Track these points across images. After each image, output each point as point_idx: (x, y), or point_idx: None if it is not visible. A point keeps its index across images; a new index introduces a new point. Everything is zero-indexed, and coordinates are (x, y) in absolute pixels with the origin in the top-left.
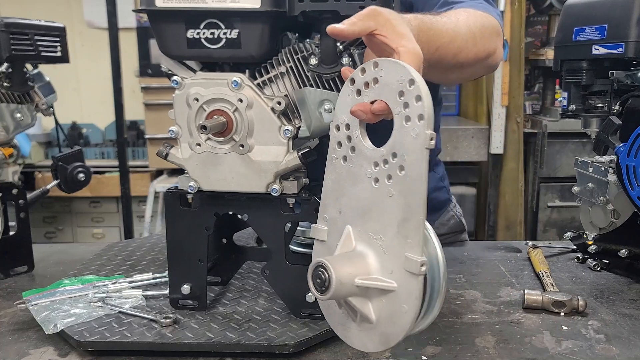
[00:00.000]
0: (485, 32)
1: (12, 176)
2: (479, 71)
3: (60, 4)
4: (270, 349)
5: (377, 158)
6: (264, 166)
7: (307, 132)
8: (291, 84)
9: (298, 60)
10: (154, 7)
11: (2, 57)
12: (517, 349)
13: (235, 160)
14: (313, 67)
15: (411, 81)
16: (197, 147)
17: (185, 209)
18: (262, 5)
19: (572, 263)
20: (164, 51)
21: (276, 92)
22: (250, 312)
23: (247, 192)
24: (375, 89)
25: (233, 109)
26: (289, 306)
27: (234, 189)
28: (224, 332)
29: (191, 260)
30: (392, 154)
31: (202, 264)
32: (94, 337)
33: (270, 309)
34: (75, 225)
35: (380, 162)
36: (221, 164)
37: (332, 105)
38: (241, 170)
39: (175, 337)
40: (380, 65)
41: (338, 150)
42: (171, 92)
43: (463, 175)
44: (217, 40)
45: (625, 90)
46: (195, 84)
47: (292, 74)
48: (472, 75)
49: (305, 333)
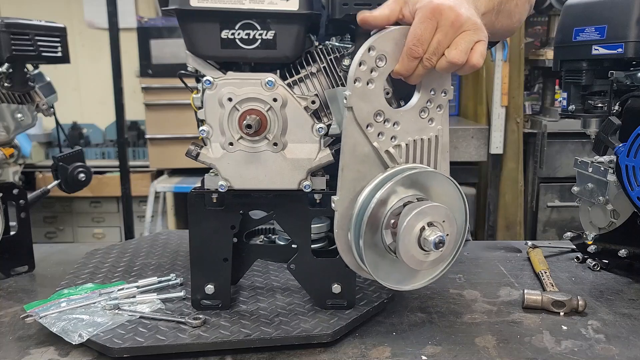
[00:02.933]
0: None
1: (12, 176)
2: (527, 9)
3: (61, 4)
4: (309, 339)
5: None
6: (298, 163)
7: (337, 130)
8: (320, 83)
9: (331, 61)
10: (189, 7)
11: (3, 58)
12: (517, 349)
13: (268, 159)
14: (347, 67)
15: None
16: (230, 146)
17: (211, 208)
18: (299, 7)
19: (572, 263)
20: (193, 51)
21: (305, 91)
22: (275, 308)
23: (279, 189)
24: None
25: (267, 108)
26: (315, 298)
27: (266, 186)
28: (259, 328)
29: (216, 259)
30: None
31: (227, 262)
32: (127, 343)
33: (291, 303)
34: (75, 225)
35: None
36: (254, 162)
37: None
38: (275, 168)
39: (213, 336)
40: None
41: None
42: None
43: (463, 175)
44: (252, 41)
45: (625, 90)
46: (228, 84)
47: (324, 73)
48: (524, 12)
49: (337, 322)
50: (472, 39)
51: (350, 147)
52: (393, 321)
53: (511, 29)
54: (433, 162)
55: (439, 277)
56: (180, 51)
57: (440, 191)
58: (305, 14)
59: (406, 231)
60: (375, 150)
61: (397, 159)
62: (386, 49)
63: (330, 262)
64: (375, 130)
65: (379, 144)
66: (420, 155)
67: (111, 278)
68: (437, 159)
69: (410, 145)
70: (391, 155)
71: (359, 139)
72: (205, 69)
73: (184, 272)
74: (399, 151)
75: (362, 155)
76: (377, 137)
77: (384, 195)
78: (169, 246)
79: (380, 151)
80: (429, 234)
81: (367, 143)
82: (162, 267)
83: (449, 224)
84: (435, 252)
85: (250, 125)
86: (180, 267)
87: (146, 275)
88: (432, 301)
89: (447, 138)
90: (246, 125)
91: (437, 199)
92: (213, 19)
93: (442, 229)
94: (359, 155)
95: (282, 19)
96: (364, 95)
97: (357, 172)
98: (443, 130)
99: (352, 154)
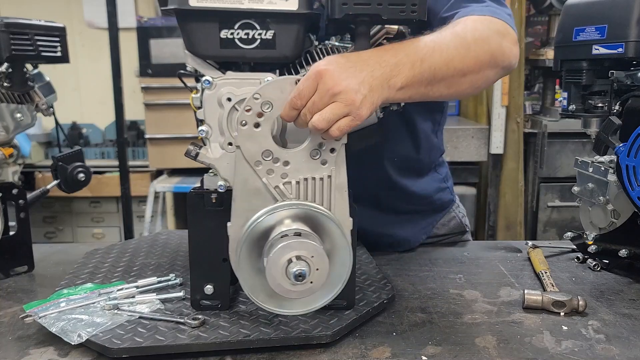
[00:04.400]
0: (483, 36)
1: (12, 176)
2: (491, 75)
3: (60, 4)
4: (308, 340)
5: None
6: None
7: None
8: None
9: None
10: (188, 7)
11: (2, 57)
12: (517, 349)
13: None
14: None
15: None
16: (229, 146)
17: (211, 208)
18: (299, 7)
19: (572, 263)
20: (192, 51)
21: None
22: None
23: None
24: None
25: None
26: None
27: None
28: (259, 328)
29: (215, 259)
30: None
31: (227, 263)
32: (126, 343)
33: None
34: (75, 225)
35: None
36: None
37: None
38: None
39: (212, 337)
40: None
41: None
42: (171, 92)
43: (463, 175)
44: (252, 41)
45: (625, 90)
46: (227, 84)
47: None
48: (485, 81)
49: (337, 323)
50: (338, 112)
51: (241, 181)
52: (393, 321)
53: (459, 96)
54: (327, 200)
55: (319, 307)
56: (180, 51)
57: (326, 229)
58: (305, 14)
59: (272, 262)
60: (265, 186)
61: (287, 194)
62: (272, 96)
63: None
64: (264, 167)
65: (268, 180)
66: (313, 194)
67: (111, 278)
68: (331, 197)
69: (301, 182)
70: (280, 190)
71: (249, 174)
72: (205, 69)
73: (183, 272)
74: (289, 188)
75: (253, 188)
76: (266, 174)
77: (263, 225)
78: (168, 246)
79: (269, 187)
80: (292, 266)
81: (258, 178)
82: (162, 267)
83: (318, 259)
84: (301, 284)
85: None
86: (180, 267)
87: (146, 275)
88: (432, 301)
89: (343, 179)
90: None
91: (324, 235)
92: (212, 18)
93: (310, 263)
94: (251, 189)
95: (282, 18)
96: (250, 137)
97: (249, 204)
98: (338, 172)
99: (244, 187)
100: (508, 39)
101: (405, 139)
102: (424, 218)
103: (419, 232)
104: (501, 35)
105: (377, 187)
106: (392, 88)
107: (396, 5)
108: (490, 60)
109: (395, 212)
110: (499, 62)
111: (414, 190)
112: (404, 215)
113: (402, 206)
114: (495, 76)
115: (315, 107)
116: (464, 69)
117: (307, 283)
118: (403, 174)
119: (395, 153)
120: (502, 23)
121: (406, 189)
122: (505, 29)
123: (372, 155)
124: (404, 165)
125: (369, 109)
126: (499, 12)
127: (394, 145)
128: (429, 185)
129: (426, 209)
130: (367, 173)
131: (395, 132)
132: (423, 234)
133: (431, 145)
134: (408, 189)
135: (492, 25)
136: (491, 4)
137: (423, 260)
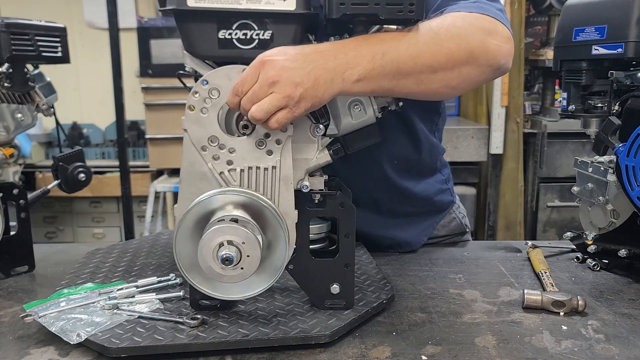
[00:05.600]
0: (460, 32)
1: (12, 176)
2: (472, 74)
3: (60, 4)
4: (307, 340)
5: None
6: (296, 163)
7: (334, 130)
8: None
9: None
10: (186, 7)
11: (3, 58)
12: (517, 349)
13: None
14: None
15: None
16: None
17: None
18: (297, 7)
19: (572, 263)
20: (191, 51)
21: None
22: (273, 308)
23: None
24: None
25: None
26: (313, 299)
27: None
28: (257, 328)
29: None
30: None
31: None
32: (125, 343)
33: (290, 303)
34: (75, 225)
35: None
36: None
37: (361, 107)
38: None
39: (211, 337)
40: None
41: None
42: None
43: (463, 175)
44: (250, 41)
45: (625, 90)
46: None
47: None
48: (464, 80)
49: (336, 323)
50: (276, 103)
51: (188, 164)
52: (393, 321)
53: (433, 95)
54: (271, 190)
55: (254, 295)
56: (180, 51)
57: (267, 219)
58: (303, 14)
59: (203, 243)
60: (210, 171)
61: (232, 181)
62: (219, 83)
63: (328, 263)
64: (209, 152)
65: (214, 166)
66: (256, 182)
67: (111, 278)
68: (276, 188)
69: (246, 170)
70: (225, 177)
71: (196, 159)
72: (203, 69)
73: None
74: (234, 175)
75: (199, 173)
76: (212, 159)
77: (205, 208)
78: (169, 246)
79: (214, 172)
80: (222, 250)
81: (204, 163)
82: (162, 267)
83: (249, 246)
84: (230, 268)
85: (247, 126)
86: None
87: (146, 275)
88: (432, 301)
89: (289, 171)
90: (243, 126)
91: (265, 224)
92: (210, 19)
93: (242, 249)
94: (197, 173)
95: (279, 18)
96: (197, 121)
97: (196, 187)
98: (284, 163)
99: (191, 170)
100: (495, 36)
101: (403, 139)
102: (424, 220)
103: (420, 234)
104: (486, 32)
105: (376, 189)
106: (347, 81)
107: (394, 5)
108: (467, 57)
109: (395, 214)
110: (482, 61)
111: (414, 192)
112: (403, 218)
113: (402, 208)
114: (479, 75)
115: (255, 95)
116: (434, 65)
117: (237, 268)
118: (404, 175)
119: (395, 154)
120: (490, 20)
121: (407, 190)
122: (493, 26)
123: (371, 157)
124: (405, 167)
125: (310, 102)
126: (488, 7)
127: (393, 146)
128: (431, 186)
129: (426, 210)
130: (367, 175)
131: (393, 133)
132: (424, 235)
133: (431, 145)
134: (409, 191)
135: (477, 22)
136: (480, 0)
137: (423, 260)
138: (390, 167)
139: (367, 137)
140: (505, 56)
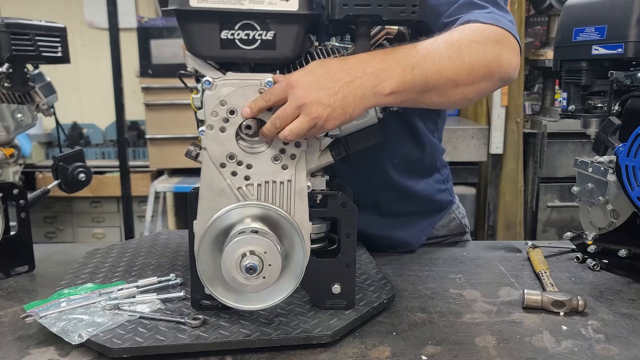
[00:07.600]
0: (479, 47)
1: (12, 176)
2: (486, 87)
3: (61, 4)
4: (309, 340)
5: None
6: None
7: (336, 131)
8: None
9: None
10: (188, 7)
11: (3, 58)
12: (516, 349)
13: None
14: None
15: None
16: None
17: None
18: (299, 8)
19: (572, 263)
20: (193, 51)
21: None
22: (274, 308)
23: None
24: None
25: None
26: (315, 298)
27: None
28: (259, 328)
29: None
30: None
31: None
32: (127, 343)
33: (291, 303)
34: (75, 226)
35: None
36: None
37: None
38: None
39: (213, 337)
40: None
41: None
42: (171, 93)
43: (463, 175)
44: (252, 42)
45: (625, 90)
46: (227, 85)
47: None
48: (479, 93)
49: (337, 323)
50: (306, 126)
51: (207, 182)
52: (393, 321)
53: (451, 105)
54: (287, 203)
55: (275, 304)
56: (180, 51)
57: (284, 229)
58: (305, 15)
59: (227, 254)
60: (229, 186)
61: (249, 195)
62: (237, 103)
63: (330, 263)
64: (228, 169)
65: (232, 181)
66: (273, 196)
67: (111, 278)
68: (292, 201)
69: (263, 185)
70: (243, 192)
71: (215, 175)
72: (205, 70)
73: (183, 272)
74: (251, 189)
75: (218, 189)
76: (230, 175)
77: (224, 222)
78: (169, 246)
79: (232, 188)
80: (245, 260)
81: (223, 179)
82: (162, 267)
83: (271, 255)
84: (254, 277)
85: (249, 126)
86: (180, 267)
87: (146, 275)
88: (432, 301)
89: (303, 184)
90: (246, 126)
91: (282, 235)
92: (212, 19)
93: (263, 259)
94: (216, 189)
95: (282, 19)
96: (216, 140)
97: (214, 203)
98: (298, 177)
99: (210, 187)
100: (508, 50)
101: (404, 139)
102: (423, 220)
103: (419, 234)
104: (501, 46)
105: (377, 190)
106: (379, 94)
107: (396, 6)
108: (485, 72)
109: (394, 214)
110: (495, 74)
111: (414, 191)
112: (403, 218)
113: (402, 208)
114: (491, 88)
115: (285, 117)
116: (457, 80)
117: (259, 277)
118: (404, 175)
119: (396, 154)
120: (503, 32)
121: (407, 190)
122: (506, 39)
123: (373, 157)
124: (405, 167)
125: (339, 120)
126: (501, 19)
127: (394, 146)
128: (431, 186)
129: (425, 210)
130: (368, 175)
131: (395, 133)
132: (423, 235)
133: (432, 144)
134: (409, 190)
135: (492, 35)
136: (493, 10)
137: (423, 260)
138: (390, 166)
139: (368, 137)
140: (514, 69)
